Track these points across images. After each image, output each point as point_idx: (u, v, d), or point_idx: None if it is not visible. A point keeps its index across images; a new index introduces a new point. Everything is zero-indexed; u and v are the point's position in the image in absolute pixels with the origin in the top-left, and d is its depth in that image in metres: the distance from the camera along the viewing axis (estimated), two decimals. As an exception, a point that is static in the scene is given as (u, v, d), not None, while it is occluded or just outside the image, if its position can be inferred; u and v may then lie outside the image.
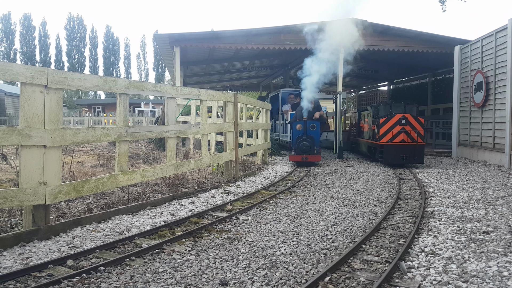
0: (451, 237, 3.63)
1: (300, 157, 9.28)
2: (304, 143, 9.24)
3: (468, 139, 11.00)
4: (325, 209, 4.74)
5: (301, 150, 9.25)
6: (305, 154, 9.21)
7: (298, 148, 9.30)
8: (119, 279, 2.59)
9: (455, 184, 6.63)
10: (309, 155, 9.23)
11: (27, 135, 3.34)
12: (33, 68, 3.42)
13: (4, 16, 62.01)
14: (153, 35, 27.74)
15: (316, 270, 2.81)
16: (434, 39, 12.81)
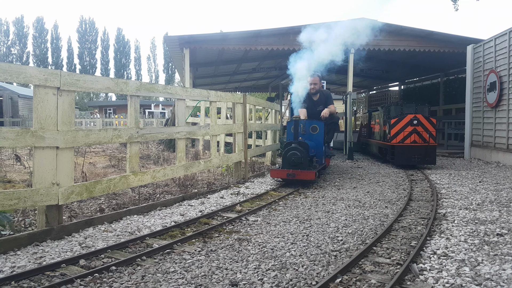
0: (464, 239, 3.58)
1: (284, 172, 6.27)
2: (293, 153, 6.31)
3: (481, 140, 10.87)
4: (335, 211, 4.72)
5: (287, 162, 6.34)
6: (293, 169, 6.23)
7: (284, 159, 6.41)
8: (131, 279, 2.60)
9: (468, 186, 6.55)
10: (298, 170, 6.21)
11: (41, 136, 3.38)
12: (46, 71, 3.46)
13: (17, 20, 62.95)
14: (163, 37, 27.92)
15: (327, 272, 2.79)
16: (446, 39, 12.70)
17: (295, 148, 6.37)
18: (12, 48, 62.56)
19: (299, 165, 6.25)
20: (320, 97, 8.00)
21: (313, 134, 7.25)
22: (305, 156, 6.33)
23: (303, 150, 6.39)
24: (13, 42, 62.52)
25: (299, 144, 6.43)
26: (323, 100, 7.95)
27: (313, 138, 7.21)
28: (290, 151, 6.38)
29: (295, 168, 6.24)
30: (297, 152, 6.30)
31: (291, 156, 6.32)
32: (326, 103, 7.90)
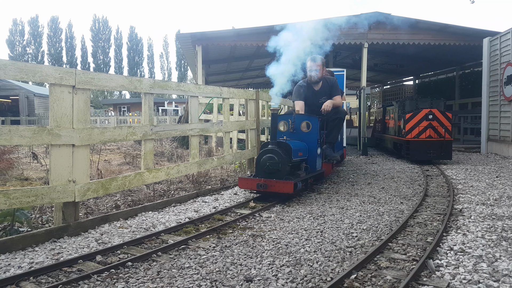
0: (481, 235, 3.53)
1: (254, 182, 4.86)
2: (269, 157, 4.89)
3: (498, 134, 10.68)
4: (349, 207, 4.69)
5: (261, 169, 4.95)
6: (266, 178, 4.82)
7: (257, 165, 5.03)
8: (146, 275, 2.63)
9: (485, 181, 6.45)
10: (273, 180, 4.78)
11: (57, 134, 3.43)
12: (61, 69, 3.50)
13: (32, 19, 63.83)
14: (175, 34, 28.01)
15: (342, 268, 2.78)
16: (461, 32, 12.48)
17: (272, 150, 4.91)
18: (27, 48, 63.48)
19: (276, 173, 4.83)
20: (324, 87, 6.38)
21: (304, 133, 5.59)
22: (284, 161, 4.84)
23: (282, 153, 4.89)
24: (28, 41, 63.44)
25: (277, 146, 4.96)
26: (327, 90, 6.36)
27: (304, 137, 5.59)
28: (264, 154, 4.94)
29: (270, 176, 4.84)
30: (274, 156, 4.84)
31: (266, 161, 4.87)
32: (331, 93, 6.31)
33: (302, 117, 5.78)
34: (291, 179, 4.83)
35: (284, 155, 4.92)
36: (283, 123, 5.71)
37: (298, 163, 5.39)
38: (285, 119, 5.72)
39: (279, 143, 5.07)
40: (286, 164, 4.90)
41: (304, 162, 5.47)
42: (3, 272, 2.69)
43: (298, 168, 5.40)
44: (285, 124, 5.71)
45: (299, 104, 6.21)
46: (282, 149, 5.00)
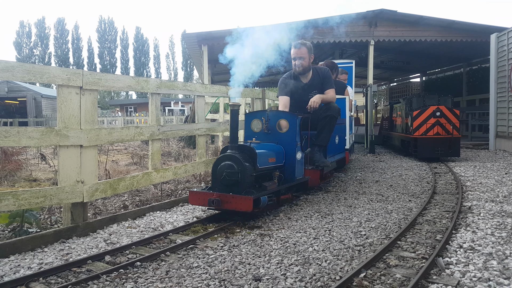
0: (490, 233, 3.50)
1: (206, 197, 3.87)
2: (227, 165, 3.92)
3: (507, 131, 10.58)
4: (357, 205, 4.68)
5: (217, 180, 3.98)
6: (221, 193, 3.86)
7: (213, 175, 4.05)
8: (155, 274, 2.64)
9: (494, 178, 6.39)
10: (229, 195, 3.80)
11: (65, 135, 3.45)
12: (68, 71, 3.52)
13: (39, 21, 64.31)
14: (181, 34, 28.08)
15: (350, 266, 2.77)
16: (468, 28, 12.38)
17: (230, 157, 3.93)
18: (34, 50, 63.98)
19: (234, 185, 3.86)
20: (314, 79, 5.36)
21: (280, 134, 4.58)
22: (245, 170, 3.84)
23: (243, 160, 3.89)
24: (35, 43, 63.92)
25: (238, 151, 3.99)
26: (317, 83, 5.35)
27: (281, 139, 4.57)
28: (221, 162, 3.96)
29: (228, 190, 3.86)
30: (233, 164, 3.88)
31: (222, 170, 3.90)
32: (323, 87, 5.33)
33: (278, 114, 4.70)
34: (253, 193, 3.78)
35: (246, 163, 3.90)
36: (257, 122, 4.66)
37: (269, 172, 4.28)
38: (259, 117, 4.68)
39: (241, 147, 4.05)
40: (248, 174, 3.86)
41: (278, 170, 4.38)
42: (13, 273, 2.71)
43: (269, 177, 4.30)
44: (259, 123, 4.66)
45: (283, 100, 5.26)
46: (244, 154, 3.98)
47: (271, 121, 4.63)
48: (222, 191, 3.88)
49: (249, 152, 4.03)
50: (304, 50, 5.17)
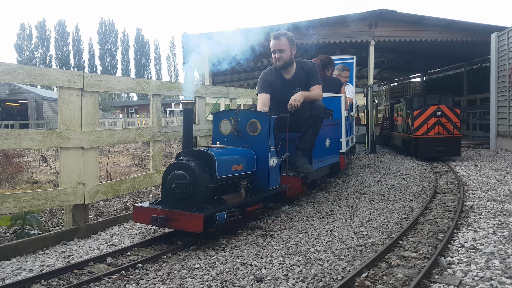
0: (492, 232, 3.49)
1: (150, 213, 3.22)
2: (177, 174, 3.30)
3: (508, 130, 10.57)
4: (359, 205, 4.67)
5: (167, 194, 3.38)
6: (167, 209, 3.19)
7: (163, 187, 3.46)
8: (157, 276, 2.64)
9: (495, 177, 6.38)
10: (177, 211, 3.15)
11: (66, 137, 3.45)
12: (69, 72, 3.53)
13: (39, 23, 64.41)
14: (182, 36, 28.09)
15: (352, 266, 2.77)
16: (468, 27, 12.37)
17: (181, 165, 3.28)
18: (35, 52, 64.05)
19: (186, 199, 3.24)
20: (298, 74, 4.76)
21: (251, 136, 3.94)
22: (199, 181, 3.21)
23: (198, 168, 3.26)
24: (36, 45, 64.01)
25: (193, 157, 3.34)
26: (302, 78, 4.74)
27: (252, 143, 3.92)
28: (171, 171, 3.31)
29: (177, 205, 3.24)
30: (184, 174, 3.24)
31: (172, 181, 3.27)
32: (308, 83, 4.73)
33: (248, 114, 4.00)
34: (206, 209, 3.12)
35: (202, 172, 3.26)
36: (226, 123, 4.05)
37: (234, 182, 3.62)
38: (228, 118, 4.04)
39: (197, 153, 3.39)
40: (202, 186, 3.21)
41: (246, 179, 3.71)
42: (14, 275, 2.71)
43: (234, 188, 3.63)
44: (228, 125, 4.05)
45: (262, 98, 4.67)
46: (200, 162, 3.33)
47: (241, 122, 3.97)
48: (171, 207, 3.22)
49: (206, 159, 3.37)
50: (284, 41, 4.58)
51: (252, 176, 3.86)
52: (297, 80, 4.75)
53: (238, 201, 3.53)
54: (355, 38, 12.16)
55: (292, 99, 4.48)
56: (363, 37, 12.34)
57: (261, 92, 4.71)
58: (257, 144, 3.92)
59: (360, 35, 12.31)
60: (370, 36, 12.41)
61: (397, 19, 12.38)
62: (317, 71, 4.81)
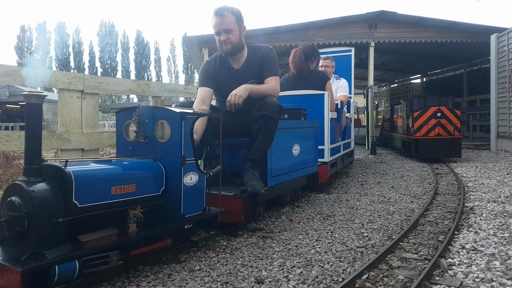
0: (493, 233, 3.49)
1: None
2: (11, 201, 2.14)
3: (508, 131, 10.58)
4: (359, 207, 4.67)
5: None
6: None
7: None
8: (157, 277, 2.64)
9: (496, 178, 6.38)
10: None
11: (66, 139, 3.46)
12: (70, 74, 3.54)
13: (40, 26, 64.47)
14: (182, 37, 28.20)
15: (353, 268, 2.77)
16: (468, 29, 12.41)
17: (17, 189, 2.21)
18: (35, 54, 64.11)
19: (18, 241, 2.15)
20: (249, 63, 3.80)
21: (160, 144, 2.81)
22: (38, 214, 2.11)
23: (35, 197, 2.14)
24: (36, 47, 64.09)
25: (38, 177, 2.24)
26: (255, 69, 3.80)
27: (161, 152, 2.81)
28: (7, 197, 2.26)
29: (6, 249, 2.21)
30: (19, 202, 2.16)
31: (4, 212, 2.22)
32: (263, 74, 3.79)
33: (156, 112, 2.81)
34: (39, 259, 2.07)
35: (46, 199, 2.17)
36: (130, 124, 2.93)
37: (118, 211, 2.50)
38: (130, 117, 2.91)
39: (47, 170, 2.31)
40: (45, 220, 2.14)
41: (144, 204, 2.60)
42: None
43: (118, 220, 2.55)
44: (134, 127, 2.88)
45: (201, 93, 3.68)
46: (49, 183, 2.24)
47: (148, 124, 2.81)
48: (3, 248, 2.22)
49: (60, 179, 2.26)
50: (230, 19, 3.57)
51: (158, 199, 2.72)
52: (248, 70, 3.77)
53: (110, 241, 2.38)
54: (355, 39, 12.18)
55: (232, 95, 3.41)
56: (363, 38, 12.36)
57: (200, 85, 3.75)
58: (167, 155, 2.77)
59: (360, 37, 12.34)
60: (370, 37, 12.43)
61: (397, 21, 12.41)
62: (273, 58, 3.82)
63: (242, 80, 3.67)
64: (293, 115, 4.55)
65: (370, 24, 12.31)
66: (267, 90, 3.66)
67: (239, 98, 3.40)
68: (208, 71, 3.81)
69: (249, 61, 3.79)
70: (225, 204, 3.35)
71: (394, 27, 12.39)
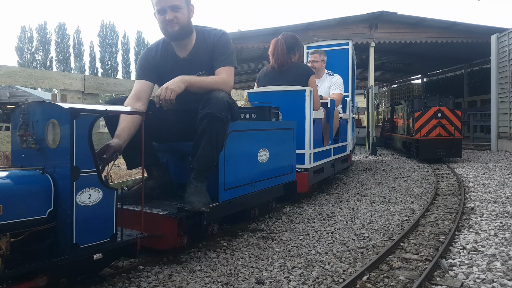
0: (494, 234, 3.49)
1: None
2: None
3: (509, 131, 10.57)
4: (360, 207, 4.67)
5: None
6: None
7: None
8: (158, 278, 2.63)
9: (496, 179, 6.38)
10: None
11: (66, 139, 3.45)
12: (70, 75, 3.54)
13: (40, 26, 64.50)
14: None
15: (354, 269, 2.77)
16: (468, 29, 12.41)
17: None
18: (36, 55, 64.16)
19: None
20: (197, 50, 3.12)
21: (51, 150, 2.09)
22: None
23: None
24: (36, 48, 64.11)
25: None
26: (204, 57, 3.12)
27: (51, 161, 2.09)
28: None
29: None
30: None
31: None
32: (213, 63, 3.11)
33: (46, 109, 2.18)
34: None
35: None
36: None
37: None
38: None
39: None
40: None
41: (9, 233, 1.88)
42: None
43: None
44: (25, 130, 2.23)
45: (137, 86, 3.08)
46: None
47: (39, 124, 2.18)
48: None
49: None
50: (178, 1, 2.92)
51: (42, 224, 2.05)
52: (196, 59, 3.10)
53: None
54: (356, 40, 12.19)
55: (162, 89, 2.73)
56: (363, 39, 12.37)
57: (137, 77, 3.15)
58: (58, 165, 2.10)
59: (361, 37, 12.35)
60: (370, 38, 12.44)
61: (397, 21, 12.42)
62: (226, 45, 3.11)
63: (188, 72, 2.96)
64: (261, 115, 3.79)
65: (370, 24, 12.32)
66: (213, 83, 2.94)
67: (171, 93, 2.70)
68: (147, 60, 3.17)
69: (198, 48, 3.10)
70: (156, 226, 2.76)
71: (394, 28, 12.40)
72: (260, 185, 3.62)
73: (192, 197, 2.76)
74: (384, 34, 12.40)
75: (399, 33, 12.39)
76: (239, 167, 3.30)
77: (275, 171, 3.87)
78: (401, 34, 12.41)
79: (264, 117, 3.78)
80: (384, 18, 12.20)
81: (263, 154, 3.64)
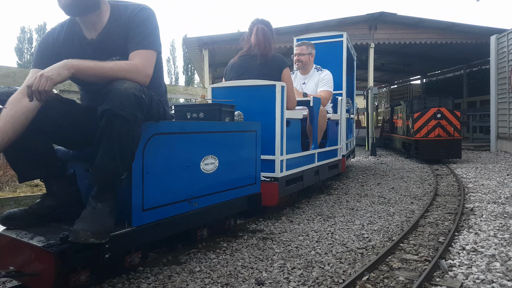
0: (493, 234, 3.49)
1: None
2: None
3: (508, 132, 10.58)
4: (359, 208, 4.67)
5: None
6: None
7: None
8: (157, 279, 2.63)
9: (496, 179, 6.38)
10: None
11: (66, 140, 3.45)
12: (70, 76, 3.54)
13: (40, 27, 64.44)
14: (182, 39, 28.21)
15: (353, 269, 2.77)
16: (468, 30, 12.43)
17: None
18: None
19: None
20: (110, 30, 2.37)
21: None
22: None
23: None
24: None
25: None
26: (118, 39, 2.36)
27: None
28: None
29: None
30: None
31: None
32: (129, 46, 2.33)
33: None
34: None
35: None
36: None
37: None
38: None
39: None
40: None
41: None
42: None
43: None
44: None
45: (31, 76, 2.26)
46: None
47: None
48: None
49: None
50: None
51: None
52: (107, 41, 2.40)
53: None
54: (355, 40, 12.19)
55: (36, 77, 2.02)
56: (363, 39, 12.38)
57: (33, 66, 2.47)
58: None
59: (360, 38, 12.36)
60: (370, 38, 12.45)
61: (396, 22, 12.43)
62: (146, 22, 2.40)
63: (98, 57, 2.26)
64: (210, 114, 3.12)
65: (370, 25, 12.33)
66: (117, 71, 2.17)
67: (46, 82, 1.99)
68: (46, 44, 2.48)
69: (110, 27, 2.39)
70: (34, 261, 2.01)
71: (394, 28, 12.41)
72: (206, 200, 2.95)
73: (80, 223, 2.05)
74: (383, 35, 12.41)
75: (398, 33, 12.41)
76: (169, 180, 2.59)
77: (230, 182, 3.21)
78: (400, 34, 12.42)
79: (214, 116, 3.10)
80: (384, 19, 12.21)
81: (209, 162, 2.95)
